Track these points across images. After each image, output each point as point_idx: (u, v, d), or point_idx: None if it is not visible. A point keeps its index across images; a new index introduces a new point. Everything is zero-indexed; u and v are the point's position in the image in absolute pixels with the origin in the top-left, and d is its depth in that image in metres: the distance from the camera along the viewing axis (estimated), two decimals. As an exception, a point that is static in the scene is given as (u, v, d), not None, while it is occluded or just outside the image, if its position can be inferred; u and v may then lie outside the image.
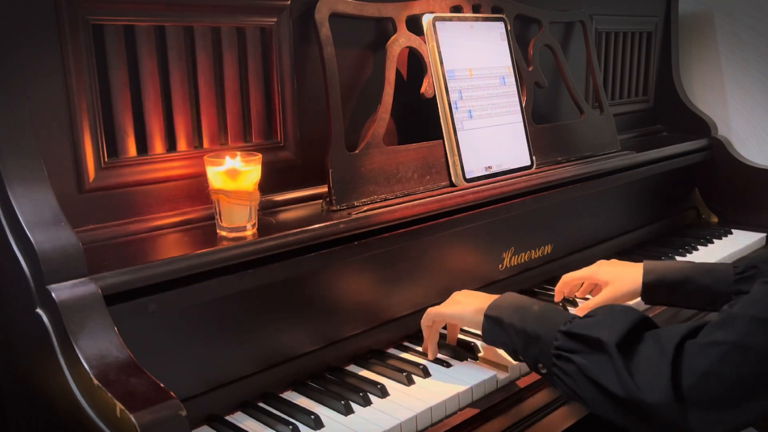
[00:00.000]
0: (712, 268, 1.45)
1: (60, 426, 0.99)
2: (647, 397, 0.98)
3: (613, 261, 1.57)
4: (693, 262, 1.49)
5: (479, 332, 1.28)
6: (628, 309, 1.11)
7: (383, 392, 1.23)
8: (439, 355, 1.37)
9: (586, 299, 1.60)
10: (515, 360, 1.29)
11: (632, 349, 1.03)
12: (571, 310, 1.57)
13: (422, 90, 1.54)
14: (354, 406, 1.19)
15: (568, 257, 1.86)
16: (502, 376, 1.31)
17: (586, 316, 1.14)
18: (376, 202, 1.42)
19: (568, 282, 1.59)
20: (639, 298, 1.47)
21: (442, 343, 1.40)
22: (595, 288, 1.59)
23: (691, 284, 1.41)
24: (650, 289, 1.45)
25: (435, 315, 1.36)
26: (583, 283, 1.62)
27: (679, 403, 0.96)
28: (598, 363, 1.04)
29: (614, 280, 1.49)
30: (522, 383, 1.32)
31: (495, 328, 1.23)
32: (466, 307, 1.31)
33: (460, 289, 1.41)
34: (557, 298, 1.62)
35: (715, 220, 2.38)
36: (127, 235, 1.21)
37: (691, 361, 0.96)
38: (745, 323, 0.94)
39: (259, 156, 1.25)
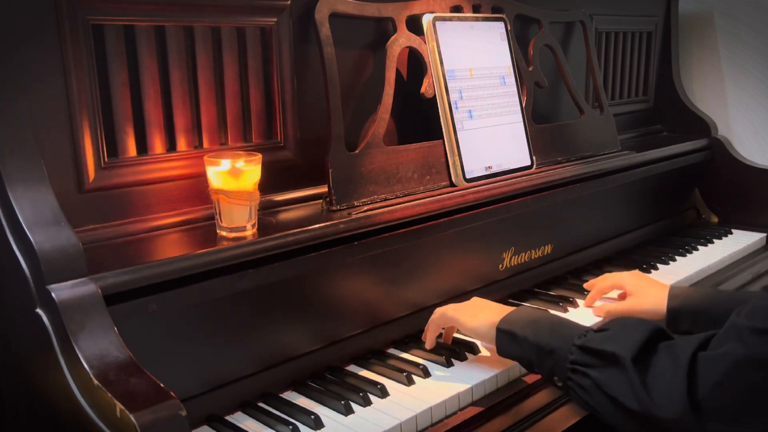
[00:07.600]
0: (738, 293, 1.44)
1: (60, 426, 0.98)
2: (663, 413, 0.98)
3: (643, 274, 1.56)
4: (718, 289, 1.47)
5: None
6: (641, 321, 1.11)
7: (383, 392, 1.23)
8: (439, 355, 1.36)
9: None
10: (530, 372, 1.28)
11: (647, 363, 1.02)
12: (588, 309, 1.57)
13: (422, 90, 1.54)
14: (354, 406, 1.19)
15: (568, 257, 1.86)
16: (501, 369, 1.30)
17: (599, 330, 1.13)
18: (376, 202, 1.42)
19: (602, 290, 1.59)
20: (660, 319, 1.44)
21: (442, 344, 1.40)
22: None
23: (717, 309, 1.37)
24: (675, 316, 1.42)
25: (449, 320, 1.34)
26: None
27: (696, 416, 0.96)
28: (613, 378, 1.04)
29: (638, 293, 1.48)
30: (530, 379, 1.31)
31: (509, 341, 1.23)
32: (482, 321, 1.29)
33: (459, 289, 1.40)
34: (588, 304, 1.60)
35: (715, 220, 2.37)
36: (127, 235, 1.21)
37: (705, 373, 0.96)
38: (754, 334, 0.93)
39: (259, 156, 1.25)
